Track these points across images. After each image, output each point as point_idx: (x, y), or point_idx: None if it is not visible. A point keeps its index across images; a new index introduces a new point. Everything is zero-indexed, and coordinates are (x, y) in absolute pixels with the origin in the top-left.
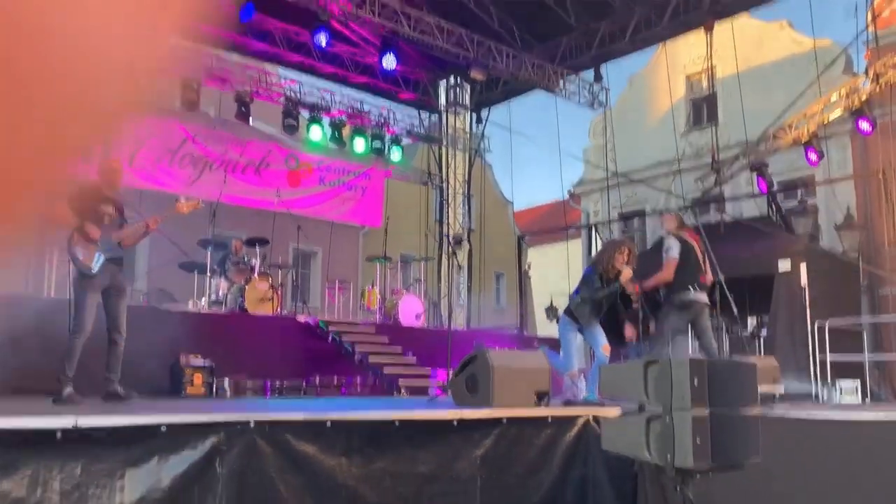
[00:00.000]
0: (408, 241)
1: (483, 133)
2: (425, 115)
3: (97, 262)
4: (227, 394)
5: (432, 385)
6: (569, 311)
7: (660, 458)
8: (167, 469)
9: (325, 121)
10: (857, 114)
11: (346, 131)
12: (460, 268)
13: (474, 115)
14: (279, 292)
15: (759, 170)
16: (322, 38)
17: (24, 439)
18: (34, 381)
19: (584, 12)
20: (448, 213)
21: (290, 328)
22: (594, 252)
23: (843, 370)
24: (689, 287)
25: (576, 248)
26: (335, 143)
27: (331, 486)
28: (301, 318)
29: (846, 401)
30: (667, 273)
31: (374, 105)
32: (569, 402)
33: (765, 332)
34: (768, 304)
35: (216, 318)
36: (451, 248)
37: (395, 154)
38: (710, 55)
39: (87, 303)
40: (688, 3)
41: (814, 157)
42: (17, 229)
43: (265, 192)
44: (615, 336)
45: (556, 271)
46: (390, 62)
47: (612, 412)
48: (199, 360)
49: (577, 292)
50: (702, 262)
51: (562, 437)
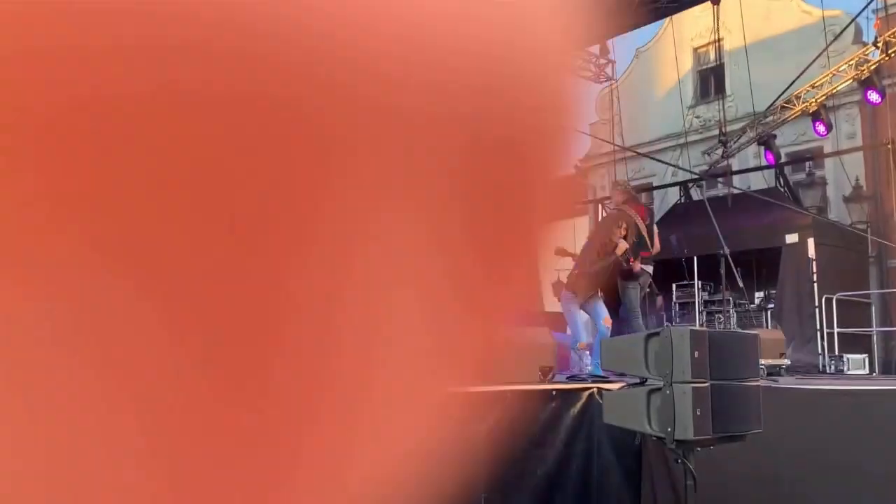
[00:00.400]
0: None
1: None
2: None
3: None
4: None
5: None
6: (568, 285)
7: (661, 431)
8: None
9: None
10: (866, 84)
11: None
12: None
13: None
14: None
15: (767, 142)
16: None
17: None
18: None
19: None
20: None
21: None
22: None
23: (850, 343)
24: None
25: (582, 223)
26: None
27: None
28: None
29: (854, 373)
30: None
31: None
32: (573, 377)
33: (772, 305)
34: (776, 277)
35: None
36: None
37: None
38: (717, 27)
39: None
40: None
41: (822, 128)
42: None
43: None
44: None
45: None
46: None
47: (617, 386)
48: None
49: (576, 269)
50: (646, 235)
51: (566, 411)
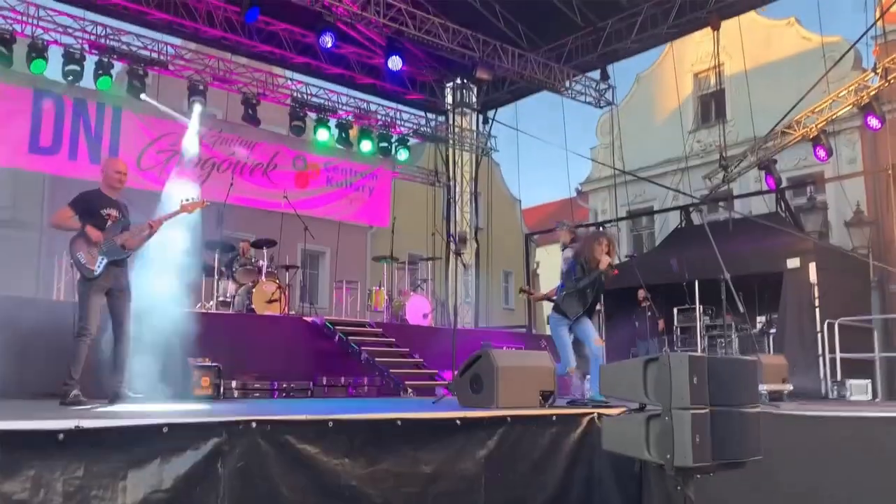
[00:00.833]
0: (415, 241)
1: (490, 132)
2: (432, 116)
3: (100, 265)
4: (235, 395)
5: (439, 386)
6: (557, 308)
7: (660, 458)
8: (169, 470)
9: (332, 122)
10: (865, 110)
11: (353, 132)
12: (465, 267)
13: (481, 117)
14: (286, 293)
15: (768, 167)
16: (328, 40)
17: (27, 441)
18: (44, 383)
19: (591, 11)
20: (455, 212)
21: (297, 329)
22: None
23: (853, 368)
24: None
25: None
26: (342, 144)
27: (334, 487)
28: (308, 319)
29: (856, 399)
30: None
31: (381, 106)
32: (574, 402)
33: (774, 330)
34: (777, 302)
35: (224, 320)
36: (455, 247)
37: (402, 154)
38: (718, 53)
39: (91, 305)
40: (694, 2)
41: (822, 153)
42: None
43: (273, 194)
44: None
45: None
46: (396, 64)
47: (617, 411)
48: (206, 362)
49: (562, 286)
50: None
51: (566, 436)
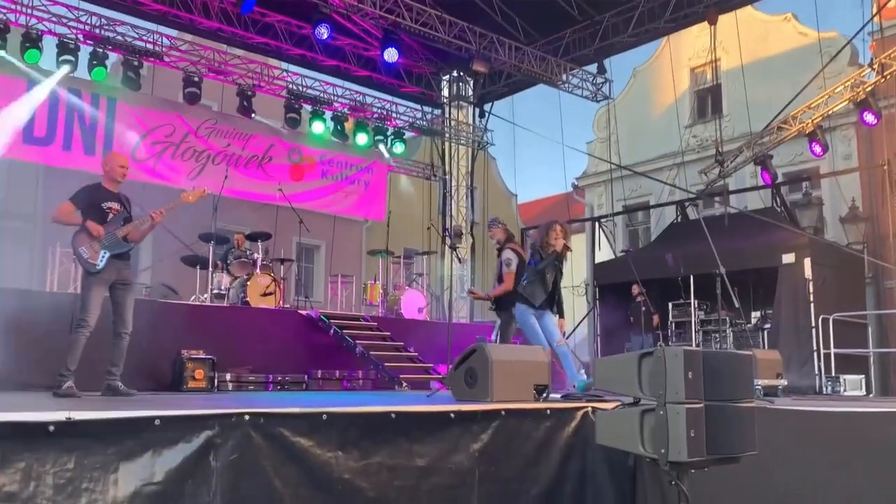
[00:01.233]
0: (411, 235)
1: (486, 126)
2: (428, 109)
3: (102, 259)
4: (229, 388)
5: (434, 379)
6: (521, 298)
7: (654, 452)
8: (161, 462)
9: (328, 114)
10: (861, 105)
11: (348, 125)
12: (461, 261)
13: (477, 110)
14: (281, 286)
15: (764, 162)
16: (323, 31)
17: (16, 433)
18: (37, 375)
19: (588, 5)
20: (451, 205)
21: (292, 322)
22: (597, 246)
23: (847, 363)
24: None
25: (579, 241)
26: (338, 136)
27: (327, 479)
28: (303, 312)
29: (850, 394)
30: (509, 284)
31: (377, 98)
32: (568, 396)
33: (768, 326)
34: (772, 297)
35: (218, 313)
36: (450, 242)
37: (398, 147)
38: (714, 48)
39: (92, 298)
40: None
41: (818, 149)
42: None
43: (268, 186)
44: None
45: None
46: (392, 56)
47: (611, 405)
48: (200, 354)
49: (525, 278)
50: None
51: (560, 430)
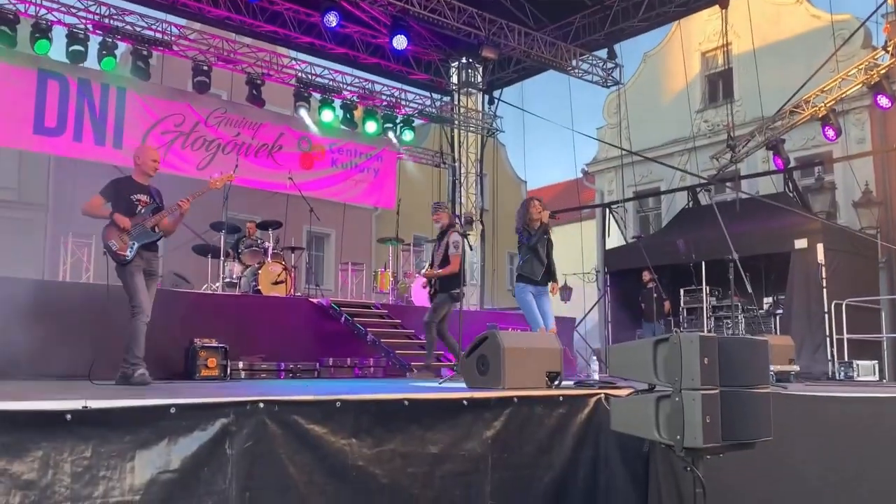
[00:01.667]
0: (421, 223)
1: (495, 113)
2: (437, 96)
3: (131, 250)
4: (242, 376)
5: (444, 367)
6: (519, 276)
7: (670, 438)
8: (177, 450)
9: (337, 102)
10: (875, 89)
11: (357, 113)
12: (471, 248)
13: (486, 97)
14: (292, 274)
15: (776, 147)
16: (332, 19)
17: (34, 421)
18: (53, 363)
19: None
20: (461, 193)
21: (303, 310)
22: (608, 233)
23: (860, 349)
24: (461, 281)
25: (590, 228)
26: (347, 124)
27: (341, 466)
28: (314, 300)
29: (863, 379)
30: (455, 266)
31: (385, 86)
32: (581, 383)
33: (780, 311)
34: (784, 283)
35: (230, 301)
36: (462, 229)
37: (407, 135)
38: (726, 31)
39: (136, 284)
40: None
41: (831, 133)
42: None
43: (278, 175)
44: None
45: (570, 252)
46: (401, 43)
47: (624, 392)
48: (213, 343)
49: (521, 258)
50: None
51: (573, 417)
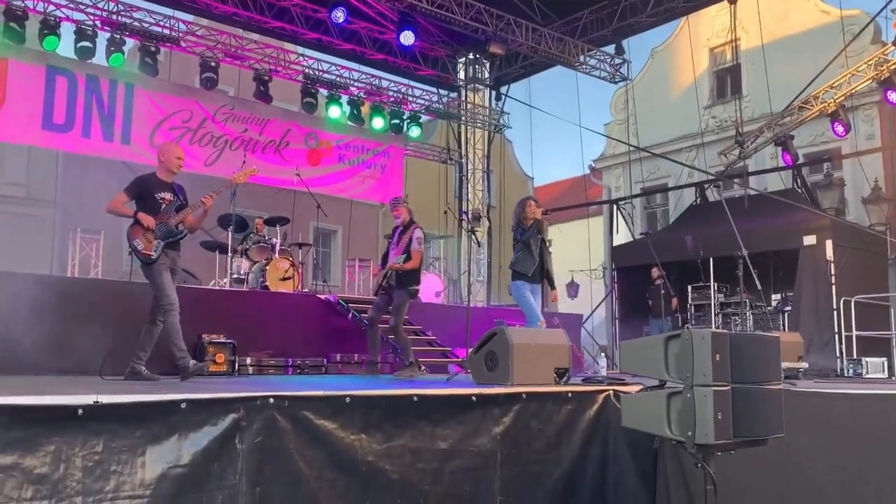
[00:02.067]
0: (428, 219)
1: (502, 109)
2: (444, 92)
3: (156, 249)
4: (250, 371)
5: (452, 363)
6: (515, 273)
7: (681, 435)
8: (188, 445)
9: (344, 99)
10: (885, 84)
11: (364, 109)
12: (478, 244)
13: (493, 93)
14: (300, 271)
15: (784, 143)
16: (339, 15)
17: (46, 416)
18: (63, 360)
19: None
20: (468, 189)
21: (310, 306)
22: (615, 229)
23: (869, 346)
24: (420, 278)
25: (597, 225)
26: (354, 120)
27: (350, 462)
28: (322, 297)
29: (872, 376)
30: (416, 261)
31: (392, 82)
32: (589, 379)
33: (789, 308)
34: (792, 280)
35: (238, 297)
36: (469, 226)
37: (414, 131)
38: (734, 27)
39: (164, 280)
40: None
41: (840, 129)
42: None
43: (285, 171)
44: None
45: (577, 248)
46: (408, 38)
47: (635, 388)
48: (221, 339)
49: (515, 255)
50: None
51: (582, 413)
